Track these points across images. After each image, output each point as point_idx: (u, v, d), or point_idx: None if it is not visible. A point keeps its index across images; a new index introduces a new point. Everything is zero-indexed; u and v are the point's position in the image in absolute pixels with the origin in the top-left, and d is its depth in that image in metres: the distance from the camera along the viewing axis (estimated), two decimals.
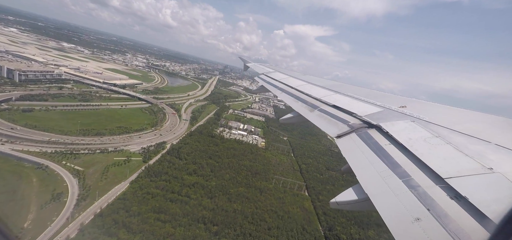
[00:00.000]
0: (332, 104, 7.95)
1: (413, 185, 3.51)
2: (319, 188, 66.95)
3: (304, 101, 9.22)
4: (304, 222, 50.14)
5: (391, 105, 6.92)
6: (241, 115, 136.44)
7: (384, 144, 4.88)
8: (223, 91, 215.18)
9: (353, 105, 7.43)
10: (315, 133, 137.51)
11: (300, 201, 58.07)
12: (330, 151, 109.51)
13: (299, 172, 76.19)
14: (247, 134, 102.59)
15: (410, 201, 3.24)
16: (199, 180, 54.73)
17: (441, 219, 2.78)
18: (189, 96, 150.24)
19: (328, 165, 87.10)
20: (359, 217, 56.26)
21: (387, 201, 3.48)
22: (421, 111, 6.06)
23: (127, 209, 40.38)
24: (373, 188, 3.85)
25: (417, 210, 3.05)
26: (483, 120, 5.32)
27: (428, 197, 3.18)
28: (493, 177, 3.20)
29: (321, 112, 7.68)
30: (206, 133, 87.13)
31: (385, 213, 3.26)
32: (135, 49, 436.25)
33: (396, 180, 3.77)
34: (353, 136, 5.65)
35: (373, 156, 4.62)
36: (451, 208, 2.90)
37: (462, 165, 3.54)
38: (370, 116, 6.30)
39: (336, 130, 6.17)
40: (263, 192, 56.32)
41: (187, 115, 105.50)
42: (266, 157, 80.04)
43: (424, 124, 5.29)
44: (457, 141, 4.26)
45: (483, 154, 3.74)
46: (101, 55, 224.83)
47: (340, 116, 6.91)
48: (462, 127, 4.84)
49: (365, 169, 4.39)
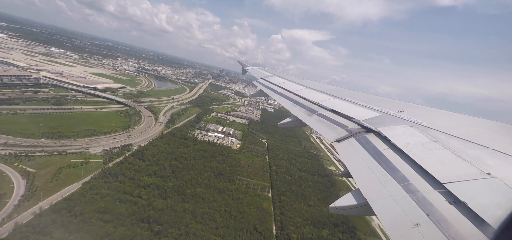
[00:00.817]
0: (330, 109, 7.98)
1: (412, 190, 3.52)
2: (283, 188, 67.17)
3: (303, 106, 9.27)
4: (258, 221, 50.29)
5: (389, 110, 6.95)
6: (223, 118, 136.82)
7: (382, 148, 4.91)
8: (211, 95, 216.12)
9: (352, 110, 7.49)
10: (297, 135, 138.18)
11: (260, 201, 58.26)
12: (308, 152, 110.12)
13: (268, 174, 76.45)
14: (224, 136, 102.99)
15: (409, 206, 3.26)
16: (157, 181, 54.95)
17: (440, 224, 2.78)
18: (173, 100, 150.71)
19: (301, 167, 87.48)
20: (316, 217, 56.57)
21: (386, 206, 3.48)
22: (419, 116, 6.10)
23: (70, 209, 40.55)
24: (372, 193, 3.85)
25: (416, 215, 3.05)
26: (481, 124, 5.35)
27: (427, 202, 3.20)
28: (491, 182, 3.19)
29: (320, 117, 7.72)
30: (180, 135, 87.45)
31: (385, 218, 3.27)
32: (129, 54, 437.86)
33: (395, 185, 3.78)
34: (352, 140, 5.67)
35: (371, 160, 4.65)
36: (450, 213, 2.90)
37: (461, 170, 3.56)
38: (368, 121, 6.33)
39: (335, 134, 6.19)
40: (221, 193, 56.54)
41: (164, 118, 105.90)
42: (237, 158, 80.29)
43: (422, 128, 5.33)
44: (455, 146, 4.28)
45: (481, 158, 3.75)
46: (90, 60, 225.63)
47: (338, 121, 6.98)
48: (459, 131, 4.87)
49: (364, 173, 4.41)
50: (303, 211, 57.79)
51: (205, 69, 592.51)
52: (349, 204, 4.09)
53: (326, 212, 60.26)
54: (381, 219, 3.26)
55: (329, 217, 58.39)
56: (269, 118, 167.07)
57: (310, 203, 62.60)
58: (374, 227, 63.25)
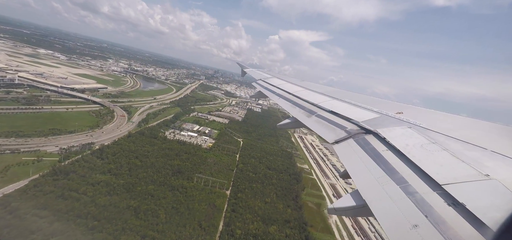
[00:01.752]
0: (329, 110, 8.02)
1: (411, 191, 3.52)
2: (243, 186, 67.77)
3: (302, 107, 9.27)
4: (205, 218, 50.83)
5: (388, 111, 6.95)
6: (203, 118, 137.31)
7: (381, 149, 4.92)
8: (198, 95, 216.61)
9: (350, 111, 7.52)
10: (278, 134, 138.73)
11: (214, 198, 58.81)
12: (283, 151, 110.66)
13: (234, 171, 77.02)
14: (198, 135, 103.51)
15: (407, 208, 3.26)
16: (109, 178, 55.42)
17: (439, 226, 2.78)
18: (154, 100, 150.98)
19: (270, 165, 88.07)
20: (269, 214, 57.20)
21: (385, 207, 3.47)
22: (417, 117, 6.10)
23: (6, 205, 41.02)
24: (370, 194, 3.85)
25: (415, 216, 3.05)
26: (479, 126, 5.35)
27: (426, 204, 3.19)
28: (490, 184, 3.20)
29: (319, 118, 7.76)
30: (149, 134, 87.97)
31: (383, 220, 3.27)
32: (122, 55, 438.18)
33: (394, 186, 3.78)
34: (351, 141, 5.70)
35: (370, 161, 4.65)
36: (448, 214, 2.90)
37: (459, 171, 3.56)
38: (367, 122, 6.36)
39: (334, 135, 6.22)
40: (174, 190, 57.08)
41: (139, 118, 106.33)
42: (204, 157, 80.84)
43: (420, 130, 5.32)
44: (453, 147, 4.29)
45: (480, 160, 3.76)
46: (77, 61, 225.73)
47: (337, 122, 7.02)
48: (458, 133, 4.85)
49: (362, 174, 4.40)
50: (256, 208, 58.37)
51: (200, 70, 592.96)
52: (348, 205, 4.11)
53: (281, 209, 60.99)
54: (380, 220, 3.27)
55: (281, 213, 59.10)
56: (252, 118, 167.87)
57: (267, 200, 63.21)
58: (330, 223, 63.93)
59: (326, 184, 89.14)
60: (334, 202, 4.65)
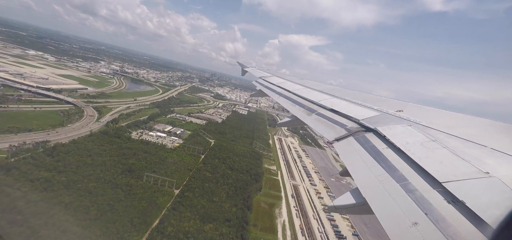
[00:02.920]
0: (329, 108, 8.00)
1: (411, 189, 3.54)
2: (195, 185, 68.19)
3: (302, 105, 9.29)
4: (140, 215, 51.13)
5: (388, 109, 6.97)
6: (180, 119, 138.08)
7: (381, 147, 4.94)
8: (185, 97, 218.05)
9: (351, 109, 7.52)
10: (255, 136, 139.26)
11: (158, 196, 59.15)
12: (254, 153, 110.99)
13: (191, 171, 77.40)
14: (167, 135, 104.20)
15: (407, 205, 3.27)
16: (52, 175, 55.97)
17: (438, 224, 2.81)
18: (135, 101, 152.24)
19: (233, 165, 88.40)
20: (210, 213, 57.47)
21: (385, 205, 3.50)
22: (417, 115, 6.13)
23: None
24: (371, 192, 3.88)
25: (415, 214, 3.08)
26: (479, 124, 5.37)
27: (426, 201, 3.21)
28: (490, 181, 3.21)
29: (319, 116, 7.74)
30: (114, 133, 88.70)
31: (383, 217, 3.30)
32: (118, 57, 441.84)
33: (394, 184, 3.80)
34: (351, 139, 5.72)
35: (370, 159, 4.67)
36: (448, 212, 2.92)
37: (459, 169, 3.59)
38: (367, 120, 6.38)
39: (334, 133, 6.26)
40: (117, 188, 57.45)
41: (109, 118, 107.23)
42: (164, 156, 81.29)
43: (421, 127, 5.33)
44: (453, 145, 4.31)
45: (480, 157, 3.77)
46: (66, 63, 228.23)
47: (337, 120, 7.01)
48: (458, 131, 4.87)
49: (362, 172, 4.44)
50: (199, 207, 58.67)
51: (197, 73, 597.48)
52: (348, 203, 4.17)
53: (226, 208, 61.24)
54: (380, 218, 3.29)
55: (225, 212, 59.37)
56: (234, 120, 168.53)
57: (214, 200, 63.50)
58: (277, 223, 64.04)
59: (289, 184, 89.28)
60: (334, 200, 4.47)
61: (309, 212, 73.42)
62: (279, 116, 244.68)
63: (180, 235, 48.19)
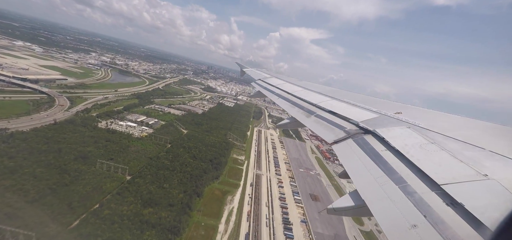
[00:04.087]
0: (328, 110, 8.06)
1: (410, 191, 3.55)
2: (149, 172, 69.78)
3: (301, 107, 9.32)
4: (80, 199, 52.81)
5: (387, 111, 6.99)
6: (158, 109, 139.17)
7: (380, 149, 4.95)
8: (171, 89, 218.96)
9: (349, 111, 7.57)
10: (232, 128, 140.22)
11: (106, 182, 60.60)
12: (224, 143, 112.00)
13: (150, 159, 78.83)
14: (138, 125, 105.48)
15: (406, 207, 3.28)
16: (1, 160, 57.70)
17: (437, 226, 2.81)
18: (116, 92, 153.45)
19: (197, 154, 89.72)
20: (154, 198, 59.03)
21: (384, 207, 3.50)
22: (416, 117, 6.14)
23: None
24: (370, 194, 3.88)
25: (414, 216, 3.08)
26: (478, 126, 5.38)
27: (425, 203, 3.21)
28: (488, 184, 3.23)
29: (318, 118, 7.79)
30: (80, 122, 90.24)
31: (382, 220, 3.30)
32: (113, 49, 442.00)
33: (393, 186, 3.80)
34: (350, 141, 5.74)
35: (369, 161, 4.68)
36: (447, 214, 2.92)
37: (458, 171, 3.60)
38: (366, 122, 6.41)
39: (333, 135, 6.27)
40: (64, 173, 59.02)
41: (83, 107, 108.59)
42: (126, 145, 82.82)
43: (419, 130, 5.34)
44: (452, 147, 4.33)
45: (478, 160, 3.79)
46: (52, 54, 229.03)
47: (336, 122, 7.06)
48: (457, 133, 4.88)
49: (362, 175, 4.45)
50: (146, 192, 60.21)
51: (193, 66, 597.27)
52: (347, 205, 4.15)
53: (174, 194, 62.86)
54: (379, 220, 3.30)
55: (171, 197, 60.93)
56: (215, 112, 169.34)
57: (164, 186, 65.09)
58: (224, 209, 65.64)
59: (252, 174, 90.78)
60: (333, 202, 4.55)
61: (264, 199, 75.04)
62: (268, 109, 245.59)
63: (115, 218, 49.88)
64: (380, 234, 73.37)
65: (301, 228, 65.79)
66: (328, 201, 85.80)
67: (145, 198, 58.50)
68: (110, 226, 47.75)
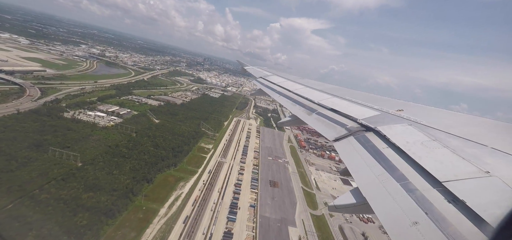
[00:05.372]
0: (330, 108, 8.10)
1: (411, 189, 3.55)
2: (102, 160, 71.28)
3: (302, 105, 9.38)
4: (20, 183, 54.55)
5: (388, 108, 7.02)
6: (135, 100, 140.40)
7: (381, 147, 4.96)
8: (157, 80, 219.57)
9: (351, 109, 7.61)
10: (209, 118, 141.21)
11: (53, 169, 62.19)
12: (195, 133, 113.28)
13: (109, 147, 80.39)
14: (107, 115, 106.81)
15: (408, 205, 3.28)
16: None
17: (439, 223, 2.82)
18: (95, 83, 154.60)
19: (161, 143, 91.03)
20: (99, 184, 60.69)
21: (385, 204, 3.51)
22: (418, 115, 6.15)
23: None
24: (371, 192, 3.90)
25: (415, 213, 3.09)
26: (480, 123, 5.41)
27: (426, 201, 3.22)
28: (490, 181, 3.22)
29: (319, 116, 7.83)
30: (46, 112, 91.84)
31: (383, 217, 3.31)
32: (107, 41, 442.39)
33: (394, 183, 3.81)
34: (351, 139, 5.76)
35: (371, 159, 4.70)
36: (448, 211, 2.93)
37: (459, 168, 3.60)
38: (367, 119, 6.44)
39: (334, 133, 6.27)
40: (12, 159, 60.73)
41: (53, 98, 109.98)
42: (87, 134, 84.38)
43: (421, 127, 5.35)
44: (454, 144, 4.33)
45: (480, 157, 3.79)
46: (38, 46, 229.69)
47: (338, 119, 7.08)
48: (458, 130, 4.90)
49: (363, 172, 4.46)
50: (91, 178, 61.82)
51: (189, 57, 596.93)
52: (348, 202, 4.16)
53: (122, 180, 64.53)
54: (380, 218, 3.32)
55: (116, 183, 62.54)
56: (196, 103, 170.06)
57: (114, 173, 66.68)
58: (172, 194, 67.24)
59: (214, 162, 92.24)
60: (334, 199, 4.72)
61: (218, 186, 76.65)
62: (256, 100, 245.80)
63: (51, 201, 51.77)
64: (331, 218, 75.06)
65: (248, 212, 67.45)
66: (287, 187, 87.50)
67: (90, 183, 60.22)
68: (44, 209, 49.68)
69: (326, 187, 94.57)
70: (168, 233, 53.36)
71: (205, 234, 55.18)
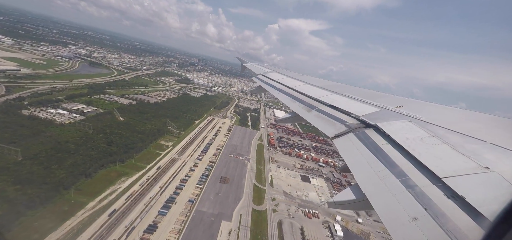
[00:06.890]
0: (329, 105, 8.12)
1: (411, 185, 3.57)
2: (47, 154, 72.53)
3: (302, 102, 9.38)
4: None
5: (388, 105, 7.04)
6: (106, 99, 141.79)
7: (381, 143, 4.98)
8: (139, 80, 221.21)
9: (351, 105, 7.61)
10: (181, 117, 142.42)
11: None
12: (158, 130, 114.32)
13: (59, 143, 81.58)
14: (69, 113, 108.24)
15: (407, 201, 3.31)
16: None
17: (438, 219, 2.84)
18: (70, 83, 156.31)
19: (116, 141, 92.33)
20: (34, 178, 61.87)
21: (385, 200, 3.52)
22: (417, 111, 6.17)
23: None
24: (370, 188, 3.91)
25: (415, 209, 3.12)
26: (479, 119, 5.41)
27: (425, 197, 3.24)
28: (489, 176, 3.25)
29: (319, 113, 7.82)
30: (3, 109, 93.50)
31: (383, 213, 3.33)
32: (100, 42, 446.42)
33: (394, 180, 3.82)
34: (351, 135, 5.77)
35: (370, 155, 4.71)
36: (448, 207, 2.95)
37: (459, 164, 3.60)
38: (367, 116, 6.46)
39: (334, 129, 6.28)
40: None
41: (16, 96, 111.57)
42: (39, 130, 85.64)
43: (421, 123, 5.36)
44: (453, 141, 4.35)
45: (479, 153, 3.81)
46: (22, 46, 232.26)
47: (337, 116, 7.11)
48: (458, 126, 4.90)
49: (362, 168, 4.46)
50: (24, 172, 63.04)
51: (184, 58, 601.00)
52: (348, 199, 4.18)
53: (58, 175, 65.66)
54: (380, 214, 3.31)
55: (50, 177, 63.69)
56: (173, 102, 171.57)
57: (52, 167, 67.90)
58: (107, 189, 68.28)
59: (168, 158, 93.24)
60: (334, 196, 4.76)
61: (162, 181, 77.64)
62: (240, 99, 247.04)
63: None
64: (274, 213, 75.76)
65: (184, 206, 68.33)
66: (238, 183, 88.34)
67: (22, 177, 61.35)
68: None
69: (280, 184, 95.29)
70: (89, 225, 54.34)
71: (128, 227, 56.07)
